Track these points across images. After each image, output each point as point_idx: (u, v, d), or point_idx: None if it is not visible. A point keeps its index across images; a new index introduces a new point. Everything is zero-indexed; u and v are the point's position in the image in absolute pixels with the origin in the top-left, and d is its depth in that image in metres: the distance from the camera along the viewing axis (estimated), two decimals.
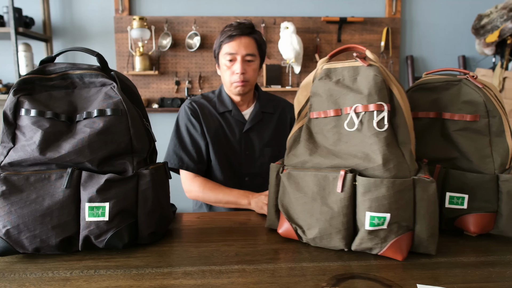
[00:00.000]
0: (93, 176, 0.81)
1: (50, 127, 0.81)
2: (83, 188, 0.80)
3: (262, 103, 1.50)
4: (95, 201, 0.79)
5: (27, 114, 0.82)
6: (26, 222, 0.79)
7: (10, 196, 0.79)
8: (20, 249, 0.80)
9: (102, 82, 0.87)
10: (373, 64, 0.82)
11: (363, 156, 0.80)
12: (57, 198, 0.79)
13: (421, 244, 0.80)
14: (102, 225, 0.80)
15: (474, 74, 0.95)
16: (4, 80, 2.89)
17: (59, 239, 0.80)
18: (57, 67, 0.88)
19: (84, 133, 0.81)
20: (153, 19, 2.90)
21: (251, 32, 1.39)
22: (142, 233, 0.86)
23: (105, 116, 0.82)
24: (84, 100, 0.86)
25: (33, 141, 0.80)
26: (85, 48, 0.88)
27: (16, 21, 2.50)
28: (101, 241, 0.82)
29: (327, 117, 0.86)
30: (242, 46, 1.37)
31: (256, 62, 1.41)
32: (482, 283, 0.71)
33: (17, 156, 0.81)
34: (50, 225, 0.79)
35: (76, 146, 0.80)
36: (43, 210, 0.79)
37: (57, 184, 0.80)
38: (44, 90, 0.86)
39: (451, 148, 0.95)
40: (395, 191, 0.75)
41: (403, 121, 0.81)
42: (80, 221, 0.81)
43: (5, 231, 0.79)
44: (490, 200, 0.90)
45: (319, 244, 0.85)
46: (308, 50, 2.97)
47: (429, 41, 3.09)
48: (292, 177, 0.87)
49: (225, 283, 0.72)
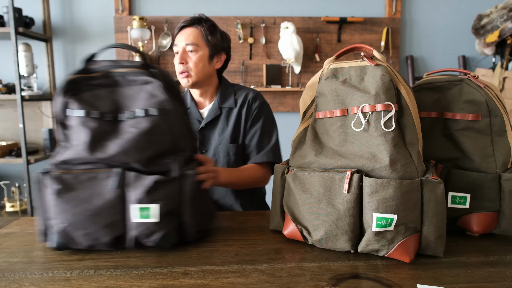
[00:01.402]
0: (140, 177, 0.81)
1: (96, 127, 0.82)
2: (130, 189, 0.81)
3: (222, 97, 1.43)
4: (143, 202, 0.80)
5: (75, 114, 0.83)
6: (80, 221, 0.80)
7: (64, 195, 0.81)
8: (75, 245, 0.83)
9: (144, 80, 0.87)
10: (381, 64, 0.82)
11: (370, 157, 0.79)
12: (106, 198, 0.80)
13: (428, 246, 0.79)
14: (152, 226, 0.81)
15: (475, 74, 0.95)
16: (4, 80, 2.89)
17: (111, 237, 0.82)
18: (99, 65, 0.88)
19: (130, 134, 0.82)
20: (153, 19, 2.90)
21: (195, 23, 1.36)
22: (189, 231, 0.87)
23: (150, 116, 0.83)
24: (127, 98, 0.87)
25: (82, 141, 0.82)
26: (127, 45, 0.89)
27: (16, 21, 2.49)
28: (151, 241, 0.83)
29: (333, 117, 0.86)
30: (183, 36, 1.35)
31: (200, 53, 1.35)
32: (482, 283, 0.71)
33: (69, 155, 0.83)
34: (101, 224, 0.81)
35: (124, 147, 0.81)
36: (94, 209, 0.80)
37: (105, 183, 0.81)
38: (88, 89, 0.86)
39: (453, 148, 0.95)
40: (402, 192, 0.74)
41: (410, 122, 0.80)
42: (128, 221, 0.82)
43: (62, 228, 0.81)
44: (492, 200, 0.90)
45: (325, 246, 0.84)
46: (308, 50, 2.97)
47: (429, 41, 3.09)
48: (298, 178, 0.86)
49: (225, 283, 0.71)
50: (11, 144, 2.80)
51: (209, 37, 1.37)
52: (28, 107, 2.90)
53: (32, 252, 0.86)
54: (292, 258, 0.82)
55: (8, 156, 2.68)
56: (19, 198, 2.77)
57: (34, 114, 2.93)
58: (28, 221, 1.07)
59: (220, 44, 1.40)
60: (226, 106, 1.42)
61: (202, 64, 1.36)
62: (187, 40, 1.34)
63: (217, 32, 1.40)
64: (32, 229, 1.01)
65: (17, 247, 0.89)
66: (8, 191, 3.00)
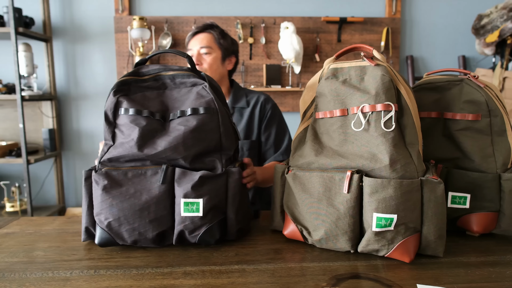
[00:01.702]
0: (187, 173, 0.84)
1: (146, 125, 0.86)
2: (177, 184, 0.84)
3: (234, 98, 1.52)
4: (190, 197, 0.83)
5: (126, 113, 0.87)
6: (126, 215, 0.83)
7: (111, 190, 0.83)
8: (120, 241, 0.85)
9: (193, 82, 0.92)
10: (381, 64, 0.82)
11: (370, 157, 0.79)
12: (154, 193, 0.83)
13: (428, 246, 0.79)
14: (197, 220, 0.84)
15: (475, 74, 0.95)
16: (4, 80, 2.89)
17: (156, 233, 0.84)
18: (150, 69, 0.94)
19: (178, 131, 0.85)
20: (153, 19, 2.90)
21: (208, 28, 1.49)
22: (231, 229, 0.89)
23: (198, 114, 0.86)
24: (174, 100, 0.91)
25: (131, 138, 0.85)
26: (177, 51, 0.94)
27: (16, 21, 2.49)
28: (195, 236, 0.85)
29: (333, 117, 0.86)
30: (197, 41, 1.47)
31: (214, 54, 1.47)
32: (482, 283, 0.71)
33: (116, 153, 0.86)
34: (147, 219, 0.83)
35: (172, 143, 0.84)
36: (141, 204, 0.83)
37: (153, 180, 0.84)
38: (138, 91, 0.91)
39: (453, 148, 0.95)
40: (402, 192, 0.74)
41: (410, 122, 0.80)
42: (175, 216, 0.85)
43: (107, 223, 0.83)
44: (492, 200, 0.90)
45: (325, 246, 0.84)
46: (308, 50, 2.97)
47: (429, 41, 3.09)
48: (298, 178, 0.86)
49: (225, 283, 0.72)
50: (11, 144, 2.80)
51: (221, 40, 1.50)
52: (28, 107, 2.90)
53: (32, 252, 0.86)
54: (292, 258, 0.82)
55: (8, 156, 2.68)
56: (19, 198, 2.77)
57: (34, 114, 2.93)
58: (28, 221, 1.07)
59: (231, 48, 1.54)
60: (239, 106, 1.51)
61: (216, 65, 1.48)
62: (201, 44, 1.46)
63: (227, 37, 1.53)
64: (32, 229, 1.01)
65: (17, 247, 0.89)
66: (8, 191, 3.00)
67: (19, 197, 2.77)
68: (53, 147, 2.85)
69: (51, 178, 3.01)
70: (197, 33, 1.49)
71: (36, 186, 3.01)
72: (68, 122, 2.99)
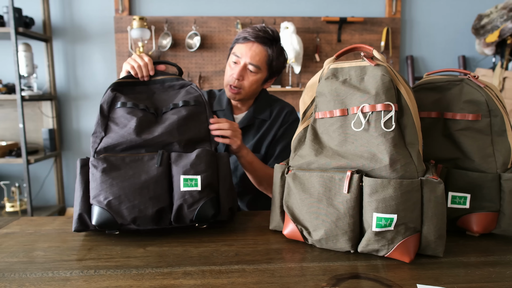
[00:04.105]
0: (182, 155, 0.93)
1: (143, 116, 0.96)
2: (174, 165, 0.92)
3: (258, 108, 1.41)
4: (188, 173, 0.91)
5: (123, 106, 0.97)
6: (126, 193, 0.88)
7: (111, 172, 0.89)
8: (119, 219, 0.88)
9: (181, 84, 1.05)
10: (381, 64, 0.82)
11: (370, 157, 0.79)
12: (152, 174, 0.90)
13: (428, 246, 0.79)
14: (195, 194, 0.91)
15: (475, 74, 0.95)
16: (4, 80, 2.89)
17: (155, 210, 0.89)
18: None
19: (172, 119, 0.96)
20: (153, 19, 2.90)
21: (266, 43, 1.31)
22: (223, 207, 0.96)
23: (189, 106, 0.99)
24: (164, 102, 1.03)
25: (129, 126, 0.94)
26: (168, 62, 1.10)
27: (16, 21, 2.49)
28: (193, 211, 0.91)
29: (333, 117, 0.86)
30: (249, 52, 1.30)
31: (259, 75, 1.33)
32: (482, 283, 0.71)
33: (112, 141, 0.93)
34: (147, 196, 0.89)
35: (167, 128, 0.95)
36: (141, 183, 0.89)
37: (150, 164, 0.91)
38: (130, 92, 1.03)
39: (453, 148, 0.95)
40: (402, 192, 0.74)
41: (410, 122, 0.80)
42: (173, 194, 0.92)
43: (107, 202, 0.88)
44: (492, 200, 0.90)
45: (325, 246, 0.84)
46: (308, 50, 2.97)
47: (429, 41, 3.09)
48: (298, 178, 0.86)
49: (225, 283, 0.72)
50: (11, 144, 2.80)
51: (274, 62, 1.34)
52: (28, 107, 2.90)
53: (32, 252, 0.86)
54: (292, 258, 0.82)
55: (8, 156, 2.68)
56: (19, 198, 2.77)
57: (34, 114, 2.93)
58: (28, 221, 1.07)
59: (280, 69, 1.40)
60: (260, 118, 1.41)
61: (255, 86, 1.35)
62: (252, 60, 1.30)
63: (282, 56, 1.38)
64: (32, 229, 1.01)
65: (17, 247, 0.89)
66: (8, 191, 3.00)
67: (19, 197, 2.78)
68: (53, 147, 2.85)
69: (51, 178, 3.01)
70: (251, 41, 1.30)
71: (36, 186, 3.01)
72: (68, 122, 2.99)
